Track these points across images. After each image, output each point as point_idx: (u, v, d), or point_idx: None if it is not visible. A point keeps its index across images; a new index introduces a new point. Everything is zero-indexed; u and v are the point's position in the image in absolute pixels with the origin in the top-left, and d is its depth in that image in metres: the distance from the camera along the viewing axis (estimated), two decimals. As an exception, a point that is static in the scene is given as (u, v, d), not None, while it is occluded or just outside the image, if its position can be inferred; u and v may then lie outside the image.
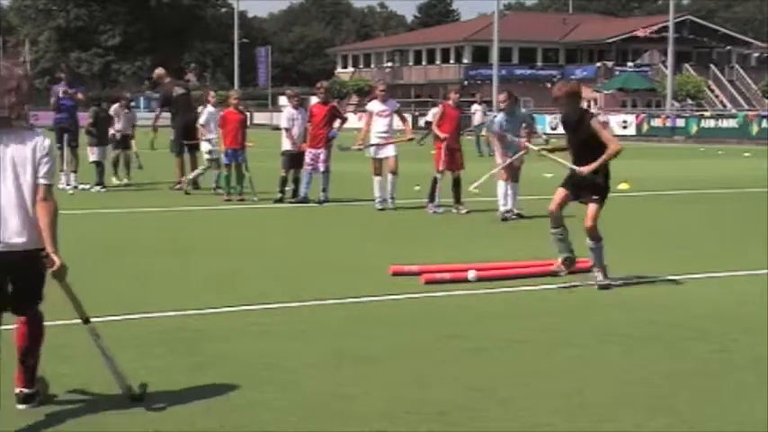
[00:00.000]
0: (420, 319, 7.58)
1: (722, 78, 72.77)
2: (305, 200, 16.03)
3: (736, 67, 74.99)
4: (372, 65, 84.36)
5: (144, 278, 9.27)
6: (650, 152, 36.70)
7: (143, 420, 5.06)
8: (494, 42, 60.14)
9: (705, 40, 74.75)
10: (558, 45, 77.05)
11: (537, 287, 8.88)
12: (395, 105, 16.06)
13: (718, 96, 71.19)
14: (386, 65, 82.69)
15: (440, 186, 15.02)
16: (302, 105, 17.00)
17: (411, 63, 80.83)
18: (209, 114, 17.90)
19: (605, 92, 68.38)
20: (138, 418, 5.10)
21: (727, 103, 69.06)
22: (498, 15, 61.14)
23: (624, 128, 51.08)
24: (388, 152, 15.45)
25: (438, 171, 15.10)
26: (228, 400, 5.42)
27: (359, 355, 6.42)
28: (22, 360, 5.22)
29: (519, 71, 73.46)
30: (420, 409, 5.28)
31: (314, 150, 15.97)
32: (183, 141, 18.74)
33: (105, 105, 19.71)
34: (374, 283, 8.99)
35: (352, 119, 29.95)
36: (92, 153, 18.62)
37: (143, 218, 14.65)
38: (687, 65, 71.26)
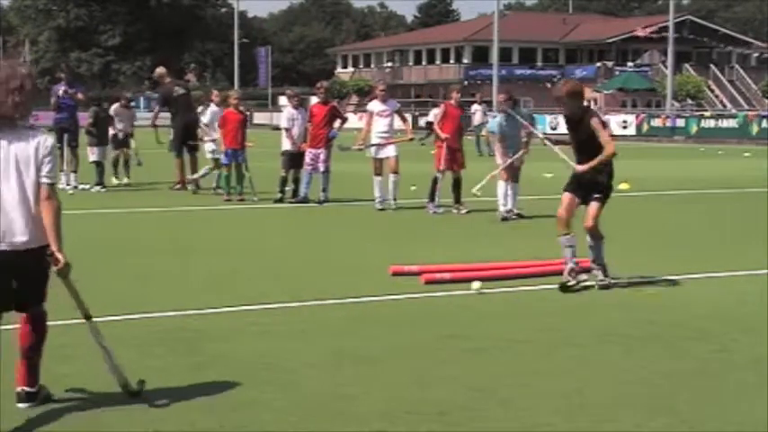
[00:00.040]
0: (420, 319, 7.58)
1: (722, 78, 72.78)
2: (305, 200, 16.03)
3: (736, 67, 75.00)
4: (372, 65, 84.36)
5: (144, 278, 9.27)
6: (650, 152, 36.71)
7: (143, 420, 5.07)
8: (494, 42, 60.15)
9: (705, 40, 74.75)
10: (558, 45, 77.05)
11: (537, 287, 8.87)
12: (395, 105, 16.05)
13: (718, 96, 71.20)
14: (386, 65, 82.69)
15: (440, 186, 15.02)
16: (302, 105, 17.01)
17: (411, 63, 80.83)
18: (212, 114, 17.84)
19: (605, 92, 68.38)
20: (138, 417, 5.10)
21: (727, 103, 69.07)
22: (498, 15, 61.15)
23: (624, 128, 51.06)
24: (389, 152, 15.45)
25: (438, 171, 15.10)
26: (228, 399, 5.42)
27: (359, 355, 6.43)
28: (25, 358, 5.22)
29: (519, 71, 73.45)
30: (420, 409, 5.29)
31: (314, 150, 15.97)
32: (187, 141, 18.76)
33: (106, 105, 19.73)
34: (374, 283, 8.99)
35: (352, 119, 29.93)
36: (92, 153, 18.63)
37: (143, 218, 14.65)
38: (687, 65, 71.26)
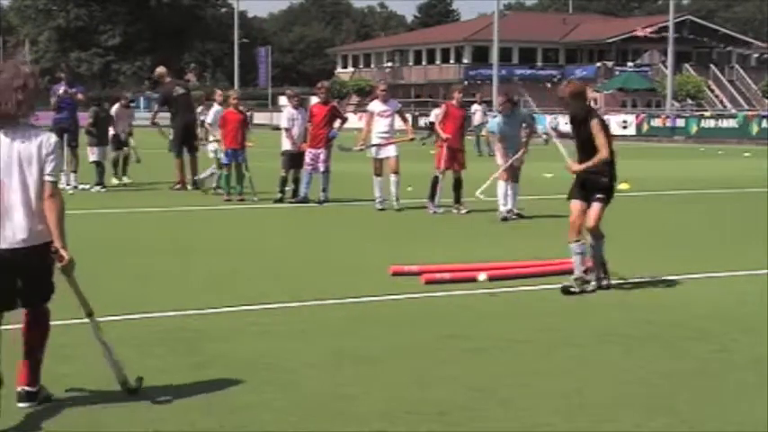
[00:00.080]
0: (420, 319, 7.58)
1: (722, 78, 72.79)
2: (305, 200, 16.03)
3: (736, 67, 75.00)
4: (372, 65, 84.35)
5: (144, 278, 9.27)
6: (650, 152, 36.70)
7: (143, 420, 5.07)
8: (494, 42, 60.15)
9: (705, 40, 74.74)
10: (558, 45, 77.03)
11: (537, 287, 8.87)
12: (396, 105, 16.05)
13: (718, 96, 71.21)
14: (386, 65, 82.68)
15: (441, 186, 15.02)
16: (302, 105, 17.01)
17: (411, 63, 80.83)
18: (215, 113, 17.76)
19: (605, 92, 68.39)
20: (138, 417, 5.10)
21: (727, 103, 69.08)
22: (498, 15, 61.15)
23: (624, 128, 51.04)
24: (390, 152, 15.43)
25: (439, 170, 15.08)
26: (228, 399, 5.42)
27: (359, 355, 6.43)
28: (27, 357, 5.23)
29: (519, 71, 73.44)
30: (420, 409, 5.29)
31: (314, 150, 15.96)
32: (187, 142, 18.76)
33: (107, 106, 19.74)
34: (374, 283, 8.99)
35: (352, 119, 29.94)
36: (92, 153, 18.62)
37: (143, 218, 14.65)
38: (687, 65, 71.27)
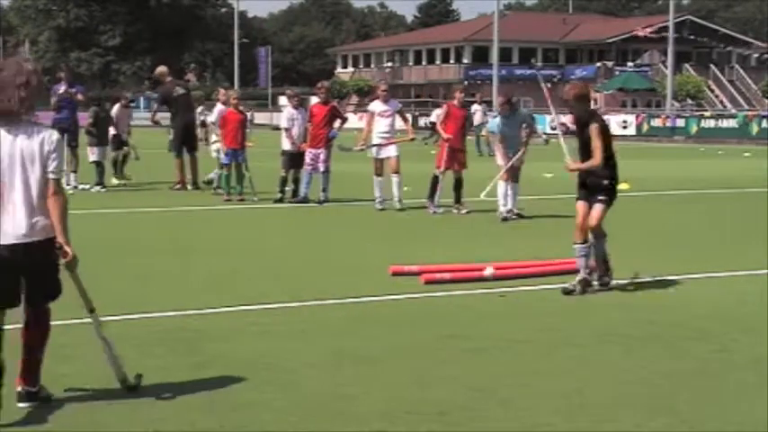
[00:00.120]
0: (420, 319, 7.58)
1: (722, 78, 72.77)
2: (305, 200, 16.02)
3: (736, 67, 74.98)
4: (372, 65, 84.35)
5: (144, 278, 9.28)
6: (650, 152, 36.69)
7: (143, 420, 5.07)
8: (494, 42, 60.14)
9: (705, 40, 74.72)
10: (558, 45, 77.02)
11: (537, 287, 8.87)
12: (397, 105, 16.05)
13: (718, 96, 71.19)
14: (386, 65, 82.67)
15: (441, 186, 15.01)
16: (302, 105, 17.01)
17: (411, 63, 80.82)
18: (219, 113, 17.74)
19: (605, 92, 68.37)
20: (139, 417, 5.11)
21: (727, 103, 69.05)
22: (498, 15, 61.12)
23: (624, 128, 51.04)
24: (390, 152, 15.42)
25: (439, 170, 15.06)
26: (228, 399, 5.42)
27: (359, 355, 6.43)
28: (27, 356, 5.23)
29: (519, 71, 73.35)
30: (420, 409, 5.29)
31: (314, 150, 15.96)
32: (187, 142, 18.76)
33: (108, 106, 19.75)
34: (374, 283, 8.99)
35: (352, 119, 29.93)
36: (92, 153, 18.62)
37: (143, 218, 14.65)
38: (687, 65, 71.25)
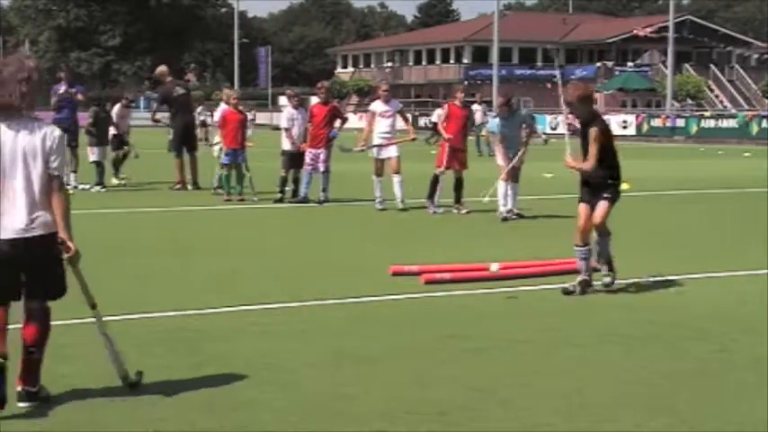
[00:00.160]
0: (420, 319, 7.58)
1: (722, 78, 72.78)
2: (305, 200, 16.02)
3: (736, 67, 74.99)
4: (372, 65, 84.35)
5: (144, 278, 9.27)
6: (650, 152, 36.69)
7: (143, 420, 5.07)
8: (494, 42, 60.12)
9: (705, 40, 74.73)
10: (558, 45, 77.01)
11: (537, 287, 8.87)
12: (398, 106, 16.05)
13: (718, 96, 71.21)
14: (386, 65, 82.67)
15: (441, 186, 15.00)
16: (302, 105, 17.01)
17: (411, 63, 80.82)
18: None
19: (605, 92, 68.37)
20: (139, 417, 5.11)
21: (727, 103, 69.06)
22: (498, 15, 61.12)
23: (624, 128, 50.99)
24: (391, 153, 15.41)
25: (440, 170, 15.04)
26: (228, 399, 5.42)
27: (359, 355, 6.43)
28: (28, 355, 5.23)
29: (519, 71, 73.41)
30: (420, 409, 5.29)
31: (314, 150, 15.95)
32: (187, 142, 18.76)
33: (109, 106, 19.76)
34: (374, 283, 8.99)
35: (351, 119, 29.92)
36: (92, 153, 18.62)
37: (143, 218, 14.65)
38: (687, 65, 71.26)
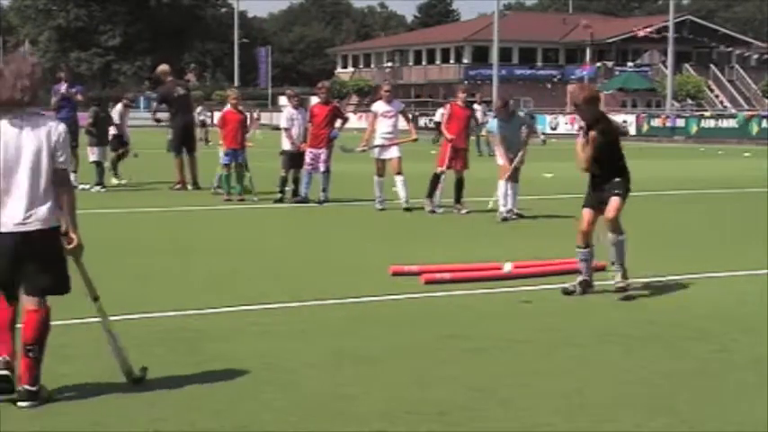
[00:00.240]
0: (420, 319, 7.58)
1: (722, 78, 72.79)
2: (305, 200, 16.02)
3: (736, 67, 75.00)
4: (372, 65, 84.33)
5: (144, 278, 9.27)
6: (650, 152, 36.66)
7: (143, 420, 5.07)
8: (494, 42, 60.12)
9: (705, 40, 74.74)
10: (558, 45, 77.03)
11: (537, 287, 8.87)
12: (400, 106, 16.05)
13: (718, 96, 71.22)
14: (386, 65, 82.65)
15: (442, 185, 14.99)
16: (302, 105, 17.01)
17: (411, 63, 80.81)
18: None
19: (605, 92, 68.26)
20: (139, 417, 5.11)
21: (727, 103, 69.06)
22: (498, 15, 61.12)
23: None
24: (392, 153, 15.38)
25: (441, 169, 15.02)
26: (228, 400, 5.42)
27: (359, 355, 6.43)
28: (27, 355, 5.23)
29: (519, 71, 73.45)
30: (420, 409, 5.29)
31: (314, 150, 15.95)
32: (187, 142, 18.78)
33: (109, 106, 19.76)
34: (374, 283, 8.99)
35: (352, 119, 29.94)
36: (92, 153, 18.62)
37: (143, 218, 14.65)
38: (687, 65, 71.27)
